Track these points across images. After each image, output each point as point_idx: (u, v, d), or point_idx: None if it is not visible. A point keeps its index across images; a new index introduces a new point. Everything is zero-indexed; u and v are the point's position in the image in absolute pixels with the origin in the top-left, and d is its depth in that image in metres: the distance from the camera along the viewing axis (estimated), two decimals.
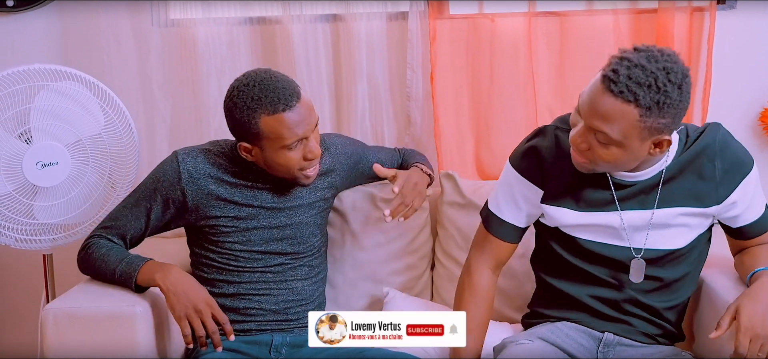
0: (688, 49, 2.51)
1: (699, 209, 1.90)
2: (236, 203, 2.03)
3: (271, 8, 2.61)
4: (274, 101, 1.89)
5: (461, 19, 2.61)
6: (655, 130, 1.71)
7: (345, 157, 2.21)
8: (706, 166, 1.87)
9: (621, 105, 1.68)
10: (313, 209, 2.12)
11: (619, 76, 1.67)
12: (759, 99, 2.60)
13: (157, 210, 2.04)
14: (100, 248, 2.02)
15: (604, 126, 1.71)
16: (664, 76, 1.68)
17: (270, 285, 2.06)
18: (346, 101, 2.63)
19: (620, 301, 1.96)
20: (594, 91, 1.72)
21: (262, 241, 2.05)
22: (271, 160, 1.95)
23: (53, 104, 2.24)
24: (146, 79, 2.63)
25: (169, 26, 2.64)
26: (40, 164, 2.25)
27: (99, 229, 2.07)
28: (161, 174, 2.04)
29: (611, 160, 1.76)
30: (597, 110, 1.71)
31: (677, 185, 1.88)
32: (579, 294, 1.98)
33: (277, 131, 1.90)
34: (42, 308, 2.20)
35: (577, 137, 1.78)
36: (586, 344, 1.98)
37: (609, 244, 1.92)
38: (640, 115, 1.68)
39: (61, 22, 2.68)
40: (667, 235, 1.91)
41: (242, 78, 1.95)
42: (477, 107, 2.62)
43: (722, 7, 2.57)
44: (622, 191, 1.88)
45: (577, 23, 2.56)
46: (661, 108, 1.68)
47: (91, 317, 2.04)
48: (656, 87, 1.67)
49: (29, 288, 2.80)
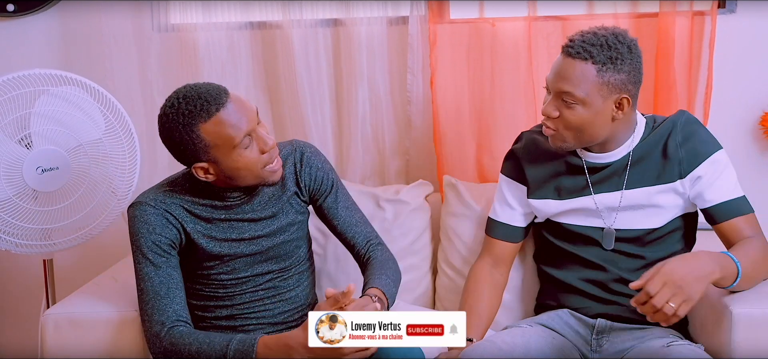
0: (689, 53, 2.51)
1: (665, 185, 2.02)
2: (214, 238, 1.94)
3: (271, 13, 2.62)
4: (205, 107, 1.79)
5: (462, 23, 2.61)
6: (614, 87, 1.93)
7: (317, 172, 2.06)
8: (669, 144, 2.03)
9: (580, 64, 1.93)
10: (293, 227, 2.03)
11: (574, 41, 1.95)
12: (760, 103, 2.60)
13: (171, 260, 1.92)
14: (185, 338, 1.85)
15: (568, 85, 1.94)
16: (613, 38, 1.94)
17: (264, 301, 2.01)
18: (347, 105, 2.63)
19: (608, 282, 2.07)
20: (556, 62, 1.99)
21: (247, 266, 1.98)
22: (231, 168, 1.84)
23: (54, 109, 2.24)
24: (147, 84, 2.63)
25: (170, 31, 2.64)
26: (41, 169, 2.25)
27: (156, 325, 1.87)
28: (139, 227, 1.90)
29: (579, 122, 1.96)
30: (560, 74, 1.95)
31: (644, 166, 2.04)
32: (570, 279, 2.12)
33: (221, 134, 1.80)
34: (42, 313, 2.19)
35: (547, 107, 1.99)
36: (582, 331, 2.09)
37: (587, 225, 2.09)
38: (597, 71, 1.92)
39: (61, 27, 2.69)
40: (638, 215, 2.05)
41: (165, 103, 1.84)
42: (478, 111, 2.62)
43: (723, 10, 2.57)
44: (595, 175, 2.07)
45: (578, 27, 2.53)
46: (615, 63, 1.92)
47: (92, 322, 2.04)
48: (607, 45, 1.92)
49: (29, 292, 2.80)
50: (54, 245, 2.36)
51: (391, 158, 2.67)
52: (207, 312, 1.99)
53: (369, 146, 2.65)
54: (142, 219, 1.90)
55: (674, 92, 2.49)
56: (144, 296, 1.90)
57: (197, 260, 1.95)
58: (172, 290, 1.90)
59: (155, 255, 1.90)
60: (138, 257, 1.91)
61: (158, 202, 1.91)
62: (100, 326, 2.04)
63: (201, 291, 1.99)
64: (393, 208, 2.42)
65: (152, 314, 1.88)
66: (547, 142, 2.07)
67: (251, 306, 2.00)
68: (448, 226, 2.43)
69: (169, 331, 1.86)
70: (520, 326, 2.09)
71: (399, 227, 2.41)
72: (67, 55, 2.68)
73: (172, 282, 1.91)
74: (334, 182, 2.08)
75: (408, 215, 2.43)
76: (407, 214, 2.43)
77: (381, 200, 2.41)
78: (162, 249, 1.90)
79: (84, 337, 2.03)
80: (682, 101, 2.51)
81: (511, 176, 2.18)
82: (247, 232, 1.97)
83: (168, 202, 1.92)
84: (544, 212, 2.14)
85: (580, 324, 2.10)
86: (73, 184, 2.30)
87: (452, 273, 2.40)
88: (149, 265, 1.89)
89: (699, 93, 2.54)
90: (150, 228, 1.89)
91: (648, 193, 2.03)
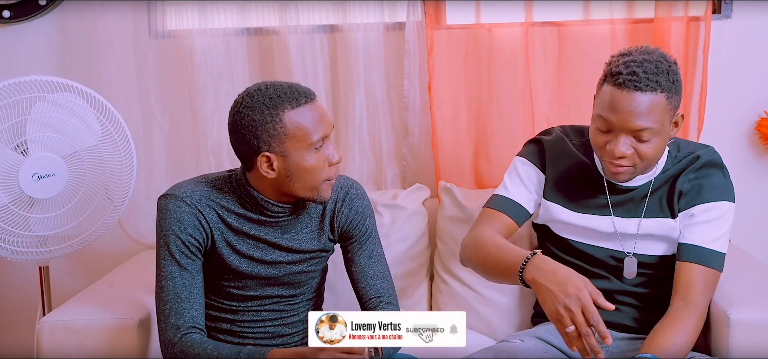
0: (684, 59, 2.51)
1: (673, 220, 1.96)
2: (237, 252, 1.90)
3: (268, 19, 2.61)
4: (295, 96, 1.78)
5: (459, 29, 2.61)
6: (676, 107, 1.87)
7: (355, 216, 2.00)
8: (681, 177, 1.96)
9: (651, 97, 1.81)
10: (314, 259, 1.98)
11: (637, 75, 1.81)
12: (755, 108, 2.60)
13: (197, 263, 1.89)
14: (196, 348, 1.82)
15: (646, 122, 1.82)
16: (664, 60, 1.85)
17: (265, 323, 1.98)
18: (344, 111, 2.63)
19: (614, 292, 2.01)
20: (620, 100, 1.83)
21: (258, 286, 1.95)
22: (297, 166, 1.80)
23: (50, 116, 2.23)
24: (143, 90, 2.62)
25: (166, 37, 2.63)
26: (37, 175, 2.24)
27: (171, 330, 1.84)
28: (171, 223, 1.86)
29: (654, 153, 1.87)
30: (635, 111, 1.82)
31: (661, 196, 1.97)
32: None
33: (303, 126, 1.78)
34: (38, 320, 2.18)
35: (620, 147, 1.85)
36: None
37: (602, 247, 2.02)
38: (666, 98, 1.83)
39: (58, 34, 2.68)
40: (654, 244, 1.99)
41: (248, 88, 1.83)
42: (475, 117, 2.62)
43: (718, 16, 2.58)
44: (616, 196, 1.99)
45: (574, 33, 2.57)
46: (676, 85, 1.85)
47: (88, 329, 2.03)
48: (666, 71, 1.83)
49: (25, 300, 2.78)
50: (50, 253, 2.35)
51: (388, 164, 2.66)
52: (209, 321, 1.97)
53: (366, 152, 2.65)
54: (175, 215, 1.86)
55: None
56: (164, 294, 1.86)
57: (213, 267, 1.92)
58: (194, 294, 1.86)
59: (182, 255, 1.86)
60: (163, 252, 1.87)
61: (194, 200, 1.87)
62: (96, 333, 2.03)
63: (206, 300, 1.95)
64: (390, 213, 2.41)
65: (169, 316, 1.84)
66: (568, 144, 2.03)
67: (252, 325, 1.97)
68: (444, 231, 2.43)
69: (182, 338, 1.83)
70: (513, 341, 2.04)
71: (396, 232, 2.41)
72: (64, 62, 2.67)
73: (195, 285, 1.87)
74: (368, 230, 2.01)
75: (405, 221, 2.42)
76: (405, 219, 2.42)
77: (378, 206, 2.41)
78: (190, 250, 1.86)
79: (80, 344, 2.02)
80: None
81: (530, 159, 2.08)
82: (269, 255, 1.93)
83: (203, 202, 1.87)
84: (551, 216, 2.06)
85: None
86: (70, 191, 2.29)
87: (449, 278, 2.40)
88: (174, 264, 1.86)
89: (694, 98, 2.55)
90: (181, 227, 1.85)
91: (664, 224, 1.97)
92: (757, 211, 2.03)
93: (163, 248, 1.87)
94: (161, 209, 1.88)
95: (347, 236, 2.00)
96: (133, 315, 2.04)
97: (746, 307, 1.92)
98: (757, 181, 2.61)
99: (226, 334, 1.96)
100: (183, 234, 1.85)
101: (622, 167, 1.88)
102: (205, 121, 2.61)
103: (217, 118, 2.61)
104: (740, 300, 1.95)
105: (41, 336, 2.02)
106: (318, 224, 1.97)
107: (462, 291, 2.37)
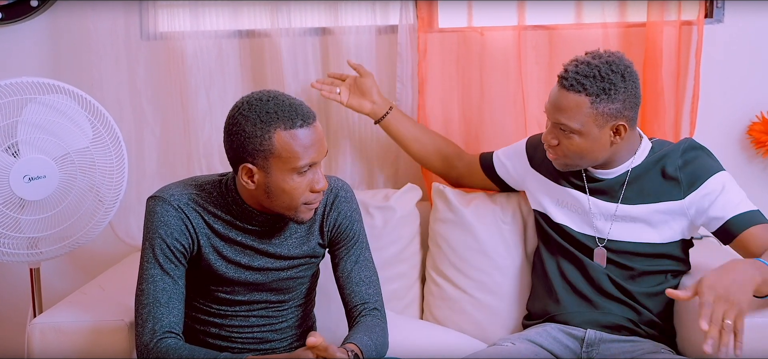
0: (676, 63, 2.52)
1: (667, 203, 2.04)
2: (224, 258, 1.89)
3: (260, 21, 2.61)
4: (290, 116, 1.75)
5: (451, 32, 2.61)
6: (609, 115, 1.98)
7: (343, 220, 1.99)
8: (668, 166, 2.06)
9: (574, 96, 1.98)
10: (303, 266, 1.98)
11: (568, 73, 1.99)
12: (747, 112, 2.61)
13: (180, 269, 1.88)
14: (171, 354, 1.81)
15: (563, 118, 2.00)
16: (607, 67, 1.97)
17: (253, 329, 1.97)
18: (336, 114, 2.63)
19: (598, 289, 2.09)
20: (553, 92, 2.04)
21: (246, 291, 1.94)
22: (276, 186, 1.79)
23: (41, 118, 2.23)
24: (135, 92, 2.62)
25: (158, 39, 2.63)
26: (28, 177, 2.24)
27: (147, 334, 1.83)
28: (157, 225, 1.86)
29: (577, 150, 2.03)
30: (556, 105, 2.01)
31: (641, 185, 2.07)
32: (558, 284, 2.15)
33: (291, 149, 1.75)
34: (29, 322, 2.18)
35: (546, 135, 2.08)
36: (571, 344, 2.08)
37: (580, 232, 2.14)
38: (590, 103, 1.97)
39: (49, 36, 2.68)
40: (634, 228, 2.08)
41: (253, 94, 1.81)
42: (467, 120, 2.62)
43: (710, 20, 2.58)
44: (592, 184, 2.12)
45: (566, 37, 2.57)
46: (608, 93, 1.96)
47: (78, 330, 2.03)
48: (600, 76, 1.96)
49: (16, 301, 2.78)
50: (41, 254, 2.34)
51: (379, 167, 2.66)
52: (197, 324, 1.97)
53: (357, 155, 2.65)
54: (162, 219, 1.85)
55: (662, 101, 2.50)
56: (143, 297, 1.85)
57: (200, 273, 1.91)
58: (173, 300, 1.85)
59: (166, 260, 1.85)
60: (148, 255, 1.86)
61: (181, 204, 1.86)
62: (86, 335, 2.02)
63: (194, 303, 1.96)
64: (382, 215, 2.41)
65: (146, 319, 1.84)
66: None
67: (241, 330, 1.96)
68: (436, 233, 2.43)
69: (158, 343, 1.82)
70: (504, 344, 2.08)
71: (388, 234, 2.40)
72: (55, 64, 2.67)
73: (175, 291, 1.86)
74: (356, 234, 2.00)
75: (397, 223, 2.42)
76: (396, 221, 2.42)
77: (370, 207, 2.40)
78: (174, 255, 1.86)
79: (70, 346, 2.02)
80: (669, 110, 2.53)
81: (529, 149, 2.28)
82: (257, 261, 1.92)
83: (190, 206, 1.87)
84: (538, 194, 2.23)
85: (569, 338, 2.09)
86: (61, 193, 2.29)
87: (441, 280, 2.40)
88: (157, 268, 1.85)
89: (686, 102, 2.55)
90: (167, 231, 1.85)
91: (646, 210, 2.06)
92: None
93: (148, 250, 1.86)
94: (149, 211, 1.88)
95: (335, 240, 2.00)
96: (123, 317, 2.03)
97: None
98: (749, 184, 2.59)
99: (216, 338, 1.96)
100: (169, 238, 1.85)
101: (553, 155, 2.09)
102: (197, 123, 2.61)
103: (208, 120, 2.61)
104: None
105: (32, 338, 2.02)
106: (307, 229, 1.96)
107: (454, 294, 2.37)
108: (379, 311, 1.98)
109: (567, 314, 2.11)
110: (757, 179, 2.64)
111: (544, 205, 2.22)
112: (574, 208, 2.15)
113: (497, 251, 2.35)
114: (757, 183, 2.63)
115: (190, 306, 1.96)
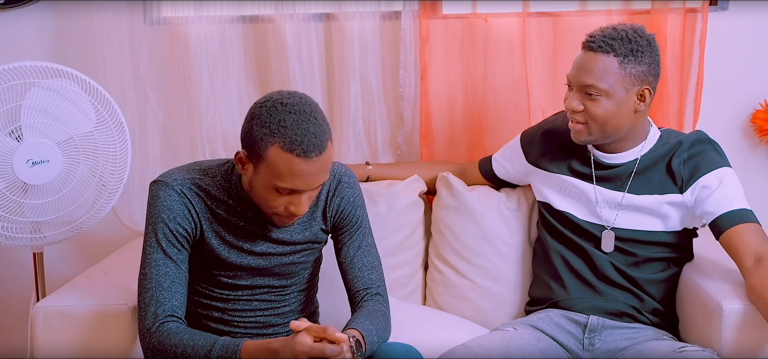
0: (680, 50, 2.52)
1: (669, 195, 2.05)
2: (226, 243, 1.90)
3: (263, 7, 2.61)
4: (295, 140, 1.70)
5: (454, 18, 2.61)
6: (636, 78, 1.99)
7: (346, 206, 1.99)
8: (674, 160, 2.06)
9: (603, 57, 1.98)
10: (305, 251, 1.97)
11: (595, 37, 2.00)
12: (750, 100, 2.61)
13: (183, 253, 1.88)
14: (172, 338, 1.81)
15: (591, 79, 1.99)
16: (633, 32, 2.00)
17: (256, 313, 1.98)
18: (339, 99, 2.62)
19: (600, 275, 2.11)
20: (577, 58, 2.04)
21: (248, 276, 1.94)
22: (256, 187, 1.80)
23: (44, 102, 2.23)
24: (138, 77, 2.62)
25: (162, 24, 2.63)
26: (31, 161, 2.24)
27: (149, 318, 1.84)
28: (160, 210, 1.86)
29: (603, 115, 2.01)
30: (583, 68, 2.01)
31: (648, 176, 2.08)
32: (562, 269, 2.15)
33: (278, 167, 1.73)
34: (32, 306, 2.18)
35: (571, 102, 2.04)
36: (573, 330, 2.09)
37: (585, 220, 2.14)
38: (619, 63, 1.97)
39: (53, 20, 2.67)
40: (639, 217, 2.08)
41: (286, 95, 1.76)
42: (470, 107, 2.62)
43: (714, 8, 2.58)
44: (600, 171, 2.12)
45: (571, 24, 2.56)
46: (636, 55, 1.98)
47: (82, 314, 2.03)
48: (628, 38, 1.98)
49: (19, 286, 2.79)
50: (44, 239, 2.34)
51: (382, 153, 2.66)
52: (200, 309, 1.97)
53: (361, 141, 2.65)
54: (165, 203, 1.86)
55: (666, 89, 2.50)
56: (146, 282, 1.86)
57: (202, 258, 1.92)
58: (176, 284, 1.86)
59: (169, 244, 1.85)
60: (150, 239, 1.86)
61: (184, 189, 1.87)
62: (89, 319, 2.03)
63: (197, 287, 1.96)
64: (386, 202, 2.40)
65: (149, 304, 1.84)
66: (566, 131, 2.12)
67: (243, 314, 1.97)
68: (440, 220, 2.43)
69: (160, 327, 1.82)
70: (506, 328, 2.09)
71: (392, 222, 2.40)
72: (59, 48, 2.67)
73: (178, 276, 1.86)
74: (359, 220, 2.00)
75: (401, 210, 2.41)
76: (401, 209, 2.41)
77: (375, 194, 2.40)
78: (177, 240, 1.86)
79: (74, 330, 2.03)
80: (673, 98, 2.52)
81: (523, 145, 2.30)
82: (259, 246, 1.92)
83: (193, 191, 1.87)
84: (540, 186, 2.23)
85: (571, 324, 2.10)
86: (64, 177, 2.29)
87: (444, 267, 2.40)
88: (160, 252, 1.86)
89: (690, 90, 2.55)
90: (170, 215, 1.85)
91: (652, 200, 2.07)
92: (751, 202, 2.03)
93: (151, 234, 1.87)
94: (152, 195, 1.88)
95: (338, 226, 2.00)
96: (126, 301, 2.04)
97: (739, 298, 1.93)
98: (752, 172, 2.61)
99: (218, 323, 1.96)
100: (172, 223, 1.85)
101: (577, 124, 2.05)
102: (200, 108, 2.61)
103: (212, 105, 2.61)
104: (733, 291, 1.96)
105: (35, 322, 2.03)
106: (309, 215, 1.96)
107: (457, 281, 2.38)
108: (381, 296, 1.98)
109: (570, 300, 2.12)
110: (761, 167, 2.64)
111: (546, 195, 2.22)
112: (577, 196, 2.15)
113: (500, 238, 2.35)
114: (761, 171, 2.63)
115: (193, 291, 1.96)
